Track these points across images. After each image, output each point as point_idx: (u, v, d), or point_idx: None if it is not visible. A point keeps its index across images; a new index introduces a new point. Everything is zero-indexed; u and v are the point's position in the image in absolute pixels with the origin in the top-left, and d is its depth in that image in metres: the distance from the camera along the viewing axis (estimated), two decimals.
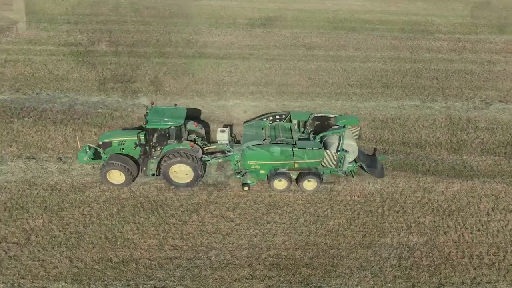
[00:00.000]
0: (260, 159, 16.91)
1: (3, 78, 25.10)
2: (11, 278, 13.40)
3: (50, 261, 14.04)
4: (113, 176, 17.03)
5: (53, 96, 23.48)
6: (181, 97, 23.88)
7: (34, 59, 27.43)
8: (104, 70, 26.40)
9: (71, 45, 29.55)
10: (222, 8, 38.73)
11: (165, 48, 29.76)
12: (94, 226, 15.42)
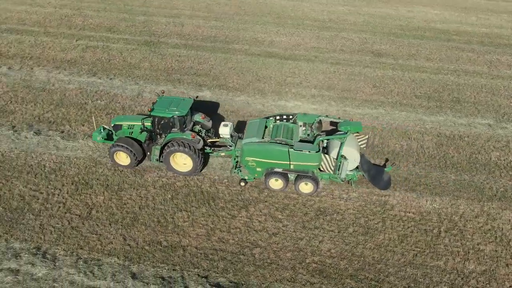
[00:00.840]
0: (257, 156, 16.71)
1: (83, 62, 27.11)
2: (71, 247, 14.48)
3: (106, 236, 14.98)
4: (120, 157, 17.90)
5: (124, 82, 24.95)
6: (242, 94, 24.28)
7: (111, 46, 29.30)
8: (173, 62, 27.54)
9: (146, 36, 31.19)
10: (292, 8, 38.74)
11: (232, 45, 30.39)
12: (148, 209, 16.19)
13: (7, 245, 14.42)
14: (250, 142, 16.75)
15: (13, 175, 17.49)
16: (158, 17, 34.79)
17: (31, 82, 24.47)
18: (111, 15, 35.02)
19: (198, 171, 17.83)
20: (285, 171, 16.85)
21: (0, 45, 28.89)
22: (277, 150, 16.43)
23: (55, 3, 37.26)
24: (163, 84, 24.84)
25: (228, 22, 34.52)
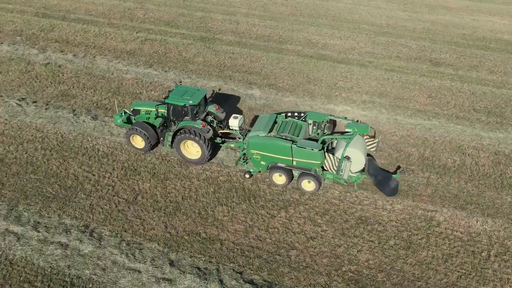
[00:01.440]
0: (261, 150, 16.86)
1: (141, 53, 28.27)
2: (116, 229, 15.19)
3: (149, 222, 15.55)
4: (136, 140, 18.79)
5: (178, 75, 25.71)
6: (292, 95, 24.23)
7: (168, 40, 30.32)
8: (226, 58, 28.01)
9: (202, 31, 31.94)
10: (349, 11, 38.05)
11: (285, 45, 30.38)
12: (191, 200, 16.61)
13: (59, 220, 15.39)
14: (256, 135, 16.95)
15: (69, 156, 18.62)
16: (215, 14, 35.52)
17: (93, 70, 25.89)
18: (170, 9, 36.21)
19: (205, 160, 18.26)
20: (288, 167, 16.89)
21: (68, 33, 30.80)
22: (281, 145, 16.50)
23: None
24: (215, 80, 25.34)
25: (283, 22, 34.54)
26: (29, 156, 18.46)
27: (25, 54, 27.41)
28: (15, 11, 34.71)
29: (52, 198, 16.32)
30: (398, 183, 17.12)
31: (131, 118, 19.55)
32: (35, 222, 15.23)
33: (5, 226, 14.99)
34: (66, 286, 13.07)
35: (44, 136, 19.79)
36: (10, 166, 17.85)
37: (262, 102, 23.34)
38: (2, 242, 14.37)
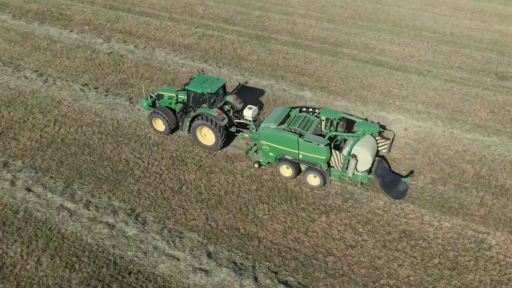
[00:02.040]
0: (270, 141, 17.21)
1: (198, 48, 29.03)
2: (160, 215, 15.74)
3: (191, 212, 15.97)
4: (157, 123, 19.87)
5: (231, 72, 26.12)
6: (343, 99, 23.80)
7: (225, 36, 30.87)
8: (279, 58, 28.06)
9: (258, 30, 32.20)
10: (411, 17, 36.70)
11: (341, 48, 29.89)
12: (233, 196, 16.84)
13: (109, 201, 16.21)
14: (266, 126, 17.27)
15: (123, 141, 19.54)
16: (272, 13, 35.66)
17: (151, 61, 26.95)
18: (229, 7, 36.84)
19: (219, 147, 18.89)
20: (295, 160, 17.12)
21: (131, 25, 32.29)
22: (288, 138, 16.73)
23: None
24: (267, 79, 25.47)
25: (341, 25, 33.99)
26: (86, 139, 19.59)
27: (91, 43, 29.08)
28: (86, 2, 36.91)
29: (104, 180, 17.23)
30: (408, 187, 16.98)
31: (156, 102, 20.55)
32: (87, 201, 16.16)
33: (60, 202, 16.03)
34: (110, 265, 13.75)
35: (102, 121, 20.91)
36: (69, 146, 19.05)
37: (311, 105, 23.12)
38: (56, 216, 15.38)
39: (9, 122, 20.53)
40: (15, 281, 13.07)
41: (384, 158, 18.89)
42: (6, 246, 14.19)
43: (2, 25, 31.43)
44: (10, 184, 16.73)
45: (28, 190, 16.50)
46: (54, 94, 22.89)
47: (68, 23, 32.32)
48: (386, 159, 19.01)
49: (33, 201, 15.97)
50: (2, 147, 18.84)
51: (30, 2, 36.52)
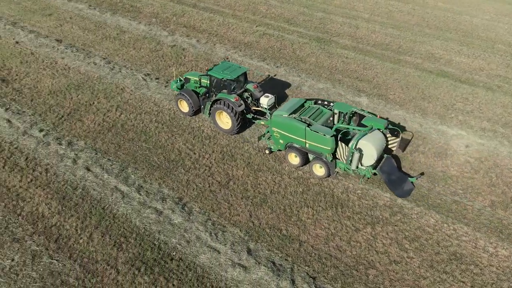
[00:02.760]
0: (280, 128, 17.71)
1: (257, 46, 29.29)
2: (205, 207, 16.12)
3: (235, 207, 16.19)
4: (182, 105, 21.28)
5: (288, 72, 26.07)
6: (401, 108, 22.93)
7: (285, 37, 30.88)
8: (338, 62, 27.59)
9: (319, 32, 31.88)
10: (484, 28, 34.50)
11: (404, 56, 28.79)
12: (278, 196, 16.84)
13: (159, 188, 16.85)
14: (279, 114, 17.73)
15: (177, 132, 20.21)
16: (335, 16, 35.12)
17: (211, 56, 27.61)
18: (292, 7, 36.78)
19: (234, 132, 19.79)
20: (302, 149, 17.56)
21: (195, 20, 33.26)
22: (296, 126, 17.17)
23: None
24: (323, 82, 25.15)
25: (406, 32, 32.73)
26: (144, 126, 20.50)
27: (156, 35, 30.34)
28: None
29: (156, 167, 17.94)
30: (414, 187, 17.24)
31: (184, 85, 21.79)
32: (138, 185, 16.92)
33: (115, 184, 16.93)
34: (154, 249, 14.32)
35: (160, 110, 21.76)
36: (127, 132, 20.04)
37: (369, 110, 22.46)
38: (110, 197, 16.27)
39: (77, 104, 21.98)
40: (68, 253, 14.00)
41: (395, 156, 18.83)
42: (63, 219, 15.23)
43: (79, 14, 33.68)
44: (72, 162, 17.94)
45: (88, 169, 17.59)
46: (119, 82, 24.17)
47: (137, 15, 33.94)
48: (397, 158, 18.07)
49: (91, 180, 17.01)
50: (69, 127, 20.23)
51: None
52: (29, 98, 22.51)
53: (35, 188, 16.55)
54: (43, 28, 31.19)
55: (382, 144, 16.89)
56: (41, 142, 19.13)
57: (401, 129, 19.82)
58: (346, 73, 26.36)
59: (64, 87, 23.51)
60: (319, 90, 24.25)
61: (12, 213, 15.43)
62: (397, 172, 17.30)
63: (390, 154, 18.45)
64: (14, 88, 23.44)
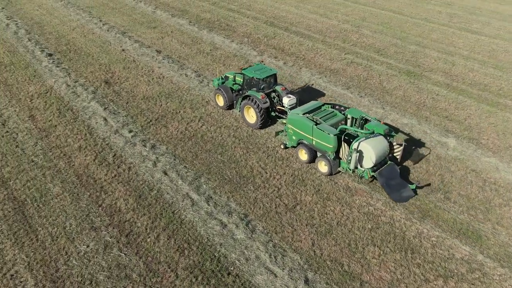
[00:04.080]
0: (294, 126, 19.13)
1: (343, 74, 28.99)
2: (269, 228, 16.06)
3: (299, 233, 15.90)
4: (219, 99, 23.62)
5: (372, 103, 25.31)
6: (494, 156, 20.91)
7: (373, 67, 30.17)
8: (427, 98, 26.17)
9: (410, 65, 30.64)
10: None
11: (504, 99, 26.39)
12: (344, 229, 16.22)
13: (227, 201, 17.22)
14: (295, 113, 19.14)
15: (252, 149, 20.60)
16: (430, 50, 33.55)
17: (296, 79, 27.90)
18: (384, 38, 35.93)
19: (258, 126, 21.66)
20: (310, 146, 18.87)
21: (285, 42, 34.02)
22: (306, 124, 18.53)
23: (340, 17, 40.96)
24: (408, 117, 23.97)
25: (510, 73, 30.06)
26: (222, 139, 21.24)
27: (246, 54, 31.55)
28: (250, 17, 40.29)
29: (227, 181, 18.39)
30: (413, 195, 17.69)
31: (224, 83, 23.91)
32: (208, 196, 17.46)
33: (187, 190, 17.67)
34: (214, 260, 14.57)
35: (239, 126, 22.42)
36: (206, 143, 20.91)
37: (454, 155, 20.90)
38: (181, 202, 17.00)
39: (165, 111, 23.55)
40: (136, 249, 14.83)
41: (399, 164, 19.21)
42: (137, 216, 16.23)
43: (179, 29, 36.40)
44: (152, 165, 19.15)
45: (165, 173, 18.62)
46: (205, 94, 25.46)
47: (231, 33, 35.71)
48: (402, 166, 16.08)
49: (166, 184, 17.97)
50: (154, 131, 21.70)
51: (205, 12, 41.51)
52: (125, 100, 24.66)
53: (117, 184, 17.91)
54: (146, 39, 34.21)
55: (384, 150, 17.62)
56: (129, 142, 20.75)
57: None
58: (435, 110, 24.86)
59: (156, 94, 25.38)
60: (403, 125, 23.14)
61: (94, 203, 16.84)
62: (398, 179, 17.94)
63: (417, 165, 16.86)
64: (115, 90, 25.87)
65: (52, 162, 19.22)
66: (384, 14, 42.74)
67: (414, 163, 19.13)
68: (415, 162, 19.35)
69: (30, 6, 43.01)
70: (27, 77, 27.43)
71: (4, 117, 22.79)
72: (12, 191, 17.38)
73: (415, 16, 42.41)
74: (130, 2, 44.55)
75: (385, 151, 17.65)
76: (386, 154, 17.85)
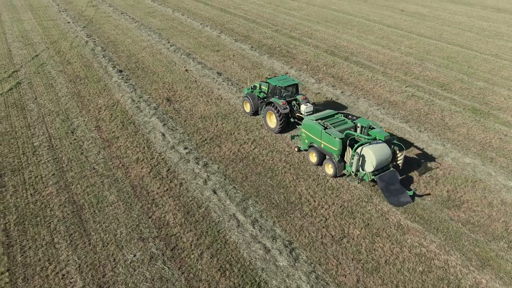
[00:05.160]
0: (307, 130, 20.88)
1: (402, 107, 28.13)
2: (313, 258, 15.61)
3: (344, 267, 15.29)
4: (246, 105, 25.94)
5: (432, 139, 24.17)
6: None
7: (435, 102, 29.00)
8: (494, 138, 24.53)
9: (476, 102, 29.07)
10: None
11: None
12: (393, 268, 15.34)
13: (272, 226, 17.08)
14: (308, 118, 20.99)
15: (302, 176, 20.41)
16: (499, 88, 31.69)
17: (353, 109, 27.49)
18: (449, 73, 34.56)
19: (278, 130, 23.67)
20: (319, 149, 20.43)
21: (344, 72, 33.84)
22: (316, 128, 20.18)
23: (403, 49, 40.12)
24: (471, 157, 22.56)
25: None
26: (273, 164, 21.29)
27: (304, 81, 31.75)
28: (311, 45, 40.71)
29: (274, 205, 18.30)
30: (411, 201, 18.65)
31: (253, 92, 25.93)
32: (254, 218, 17.43)
33: (234, 211, 17.80)
34: (254, 284, 14.39)
35: (290, 152, 22.40)
36: (257, 166, 21.07)
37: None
38: (227, 222, 17.12)
39: (220, 132, 24.17)
40: (179, 264, 15.06)
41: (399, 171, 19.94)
42: (183, 232, 16.56)
43: (241, 53, 37.60)
44: (203, 182, 19.58)
45: (214, 192, 18.94)
46: (260, 118, 25.82)
47: (291, 60, 36.23)
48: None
49: (214, 203, 18.24)
50: (208, 150, 22.29)
51: (267, 38, 42.62)
52: (184, 118, 25.68)
53: (168, 197, 18.49)
54: (209, 61, 35.68)
55: (386, 156, 18.74)
56: (183, 158, 21.46)
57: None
58: (502, 152, 23.22)
59: (213, 114, 26.18)
60: (464, 165, 21.81)
61: (145, 214, 17.46)
62: (397, 185, 19.08)
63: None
64: (175, 108, 27.07)
65: (111, 171, 20.32)
66: (450, 48, 41.28)
67: (419, 174, 20.60)
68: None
69: (108, 26, 46.79)
70: (98, 90, 29.57)
71: (74, 125, 24.63)
72: (73, 195, 18.54)
73: (484, 52, 40.49)
74: (197, 26, 46.95)
75: (387, 158, 18.86)
76: (388, 161, 19.06)
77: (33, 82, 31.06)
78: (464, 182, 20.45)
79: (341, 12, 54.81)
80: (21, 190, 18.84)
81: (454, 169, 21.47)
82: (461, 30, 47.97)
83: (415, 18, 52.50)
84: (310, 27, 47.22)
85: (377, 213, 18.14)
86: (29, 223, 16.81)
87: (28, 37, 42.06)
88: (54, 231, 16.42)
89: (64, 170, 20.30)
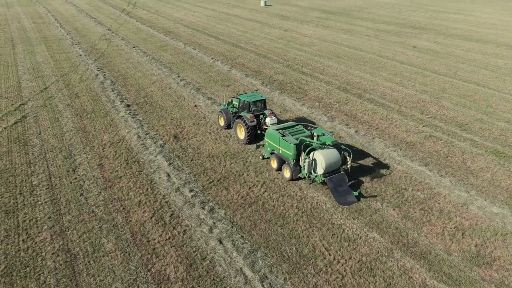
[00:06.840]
0: (268, 138, 22.96)
1: (420, 148, 26.68)
2: None
3: None
4: (220, 119, 28.25)
5: (454, 185, 22.56)
6: None
7: (455, 143, 27.55)
8: None
9: (499, 144, 27.51)
10: None
11: None
12: None
13: (283, 284, 15.39)
14: (271, 128, 23.00)
15: (316, 225, 18.84)
16: None
17: (368, 150, 26.11)
18: (468, 112, 33.23)
19: (246, 141, 25.74)
20: (278, 155, 22.36)
21: (358, 109, 32.72)
22: (275, 136, 22.25)
23: (418, 87, 39.07)
24: (499, 205, 20.83)
25: None
26: (284, 210, 19.80)
27: (316, 119, 30.62)
28: (323, 81, 39.91)
29: (286, 259, 16.67)
30: (356, 201, 20.36)
31: (228, 107, 28.36)
32: (264, 274, 15.79)
33: (241, 265, 16.20)
34: None
35: (303, 196, 20.92)
36: (266, 212, 19.59)
37: None
38: (233, 279, 15.51)
39: (228, 173, 22.88)
40: None
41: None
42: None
43: (252, 88, 36.86)
44: (208, 230, 18.11)
45: (220, 241, 17.43)
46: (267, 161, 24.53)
47: (302, 96, 35.31)
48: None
49: (219, 254, 16.69)
50: (215, 193, 20.93)
51: (278, 74, 42.02)
52: (190, 157, 24.52)
53: (169, 247, 17.02)
54: (219, 96, 34.92)
55: (335, 160, 20.74)
56: (188, 202, 20.10)
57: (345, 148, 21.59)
58: None
59: (222, 154, 25.00)
60: (492, 215, 20.07)
61: (144, 266, 15.96)
62: (345, 186, 20.88)
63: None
64: (182, 145, 25.99)
65: (111, 215, 19.01)
66: (466, 86, 40.12)
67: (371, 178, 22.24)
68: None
69: (119, 59, 46.81)
70: (103, 126, 28.74)
71: (76, 163, 23.58)
72: (67, 242, 17.18)
73: (502, 90, 39.22)
74: (208, 61, 46.73)
75: (336, 161, 20.82)
76: (338, 164, 21.01)
77: (39, 115, 30.43)
78: (494, 235, 18.69)
79: (353, 48, 54.45)
80: (13, 235, 17.56)
81: (481, 219, 19.75)
82: (476, 67, 46.97)
83: (428, 55, 51.80)
84: (322, 63, 46.68)
85: (399, 270, 16.39)
86: (17, 274, 15.41)
87: (39, 69, 42.05)
88: (44, 284, 14.96)
89: (61, 213, 19.04)
